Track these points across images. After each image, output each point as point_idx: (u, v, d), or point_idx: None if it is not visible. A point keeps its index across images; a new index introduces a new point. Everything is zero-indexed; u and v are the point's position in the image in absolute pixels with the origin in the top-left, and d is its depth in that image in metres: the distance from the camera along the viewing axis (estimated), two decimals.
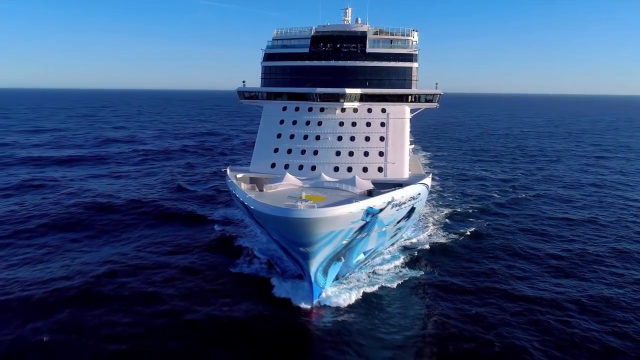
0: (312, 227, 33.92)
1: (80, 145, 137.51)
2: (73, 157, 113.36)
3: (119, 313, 36.55)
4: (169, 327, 34.77)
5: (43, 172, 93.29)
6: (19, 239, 53.65)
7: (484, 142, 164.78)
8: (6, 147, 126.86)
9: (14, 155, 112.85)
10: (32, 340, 32.87)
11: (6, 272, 44.32)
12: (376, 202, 37.42)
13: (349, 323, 36.27)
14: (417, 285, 43.65)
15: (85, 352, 31.71)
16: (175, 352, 31.95)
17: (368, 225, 38.39)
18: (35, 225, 58.04)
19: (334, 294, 39.78)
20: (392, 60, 51.22)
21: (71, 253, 49.48)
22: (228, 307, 37.84)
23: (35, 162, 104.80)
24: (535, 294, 41.29)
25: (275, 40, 55.87)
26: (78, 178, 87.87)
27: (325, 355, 32.56)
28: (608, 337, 34.70)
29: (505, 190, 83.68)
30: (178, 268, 45.29)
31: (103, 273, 43.43)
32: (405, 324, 36.92)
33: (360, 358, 32.30)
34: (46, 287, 40.68)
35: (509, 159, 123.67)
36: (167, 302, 38.23)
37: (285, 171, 46.25)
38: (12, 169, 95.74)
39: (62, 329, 34.31)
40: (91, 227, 57.78)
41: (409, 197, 42.01)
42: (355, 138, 48.87)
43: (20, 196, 73.19)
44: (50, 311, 36.54)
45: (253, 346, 33.10)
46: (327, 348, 33.21)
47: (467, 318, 37.34)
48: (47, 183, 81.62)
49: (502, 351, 32.72)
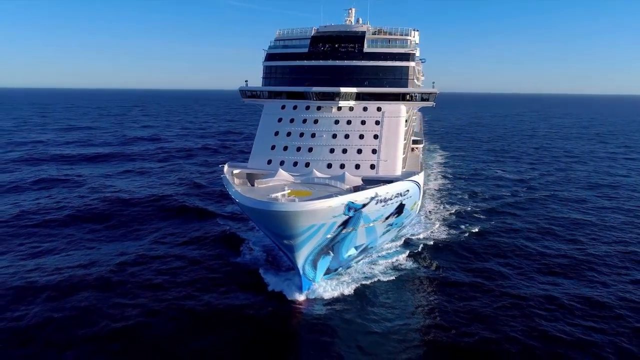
0: (291, 219, 35.41)
1: (108, 143, 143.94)
2: (100, 154, 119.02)
3: (127, 296, 39.89)
4: (167, 310, 37.63)
5: (72, 168, 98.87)
6: (46, 227, 58.04)
7: (506, 143, 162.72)
8: (40, 144, 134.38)
9: (47, 152, 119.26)
10: (49, 317, 36.44)
11: (32, 258, 48.41)
12: (358, 197, 38.34)
13: (340, 315, 37.75)
14: (413, 280, 44.93)
15: (94, 327, 34.99)
16: (172, 333, 34.72)
17: (352, 220, 39.50)
18: (61, 216, 62.44)
19: (325, 287, 41.44)
20: (389, 60, 51.81)
21: (92, 242, 53.33)
22: (224, 295, 40.32)
23: (65, 158, 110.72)
24: (530, 292, 41.93)
25: (277, 40, 57.29)
26: (103, 174, 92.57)
27: (313, 344, 34.11)
28: (598, 337, 35.34)
29: (517, 190, 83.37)
30: (184, 258, 48.39)
31: (118, 262, 46.92)
32: (398, 316, 38.25)
33: (349, 348, 33.67)
34: (66, 272, 44.45)
35: (529, 160, 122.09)
36: (168, 289, 41.25)
37: (276, 167, 47.78)
38: (44, 165, 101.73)
39: (76, 308, 37.84)
40: (111, 219, 61.53)
41: (395, 194, 42.61)
42: (349, 136, 49.85)
43: (49, 189, 78.25)
44: (69, 293, 40.19)
45: (243, 334, 35.07)
46: (315, 338, 34.77)
47: (461, 313, 38.41)
48: (74, 178, 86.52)
49: (495, 347, 33.67)
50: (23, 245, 52.31)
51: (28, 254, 49.72)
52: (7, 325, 35.40)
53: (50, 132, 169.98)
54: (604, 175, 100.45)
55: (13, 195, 74.33)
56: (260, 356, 32.81)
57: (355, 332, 35.92)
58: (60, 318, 36.39)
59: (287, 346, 34.38)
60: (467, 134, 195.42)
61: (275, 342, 34.50)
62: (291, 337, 35.47)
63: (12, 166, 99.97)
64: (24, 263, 47.08)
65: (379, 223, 44.01)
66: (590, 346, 33.94)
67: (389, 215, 44.24)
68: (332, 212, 36.83)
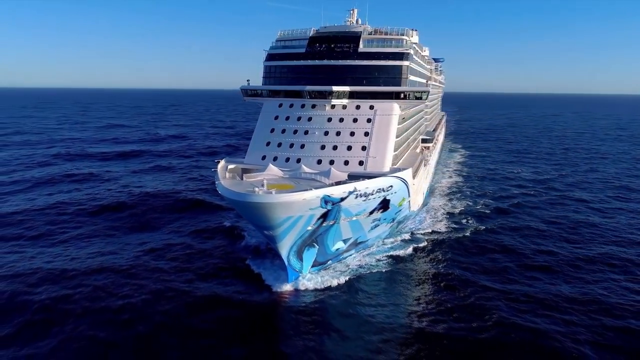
0: (267, 210, 36.95)
1: (141, 139, 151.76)
2: (133, 151, 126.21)
3: (136, 277, 44.21)
4: (166, 290, 41.44)
5: (107, 164, 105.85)
6: (75, 216, 63.53)
7: (533, 143, 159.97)
8: (78, 141, 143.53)
9: (84, 148, 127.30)
10: (68, 294, 41.07)
11: (61, 243, 53.71)
12: (334, 191, 39.41)
13: (326, 305, 39.44)
14: (406, 274, 46.24)
15: (105, 302, 39.49)
16: (169, 310, 38.42)
17: (332, 213, 40.61)
18: (88, 207, 67.81)
19: (313, 279, 43.23)
20: (383, 59, 52.42)
21: (113, 231, 58.08)
22: (216, 281, 43.52)
23: (100, 155, 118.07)
24: (514, 288, 42.98)
25: (278, 41, 58.53)
26: (132, 170, 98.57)
27: (296, 333, 35.70)
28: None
29: (532, 191, 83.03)
30: (189, 246, 52.37)
31: (133, 249, 51.48)
32: (386, 307, 39.56)
33: (332, 336, 35.24)
34: (88, 256, 49.43)
35: (553, 161, 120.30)
36: (170, 273, 45.22)
37: (266, 162, 49.09)
38: (79, 160, 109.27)
39: (94, 286, 42.44)
40: (133, 212, 66.28)
41: (377, 189, 43.24)
42: (340, 133, 50.65)
43: (80, 182, 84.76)
44: (88, 273, 44.98)
45: (231, 320, 37.41)
46: (299, 326, 36.47)
47: (451, 305, 39.66)
48: (105, 174, 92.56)
49: (486, 343, 34.55)
50: (54, 231, 57.59)
51: (58, 239, 54.91)
52: (33, 297, 40.29)
53: (90, 130, 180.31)
54: (631, 178, 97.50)
55: (49, 187, 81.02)
56: (245, 340, 35.07)
57: (341, 321, 37.46)
58: (78, 293, 41.05)
59: (270, 333, 36.36)
60: (495, 134, 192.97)
61: (260, 329, 36.48)
62: (275, 325, 37.41)
63: (51, 160, 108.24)
64: (53, 249, 52.31)
65: (362, 217, 45.03)
66: (573, 342, 34.65)
67: (373, 210, 45.09)
68: (307, 204, 38.12)
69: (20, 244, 53.45)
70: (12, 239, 55.11)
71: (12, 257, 49.24)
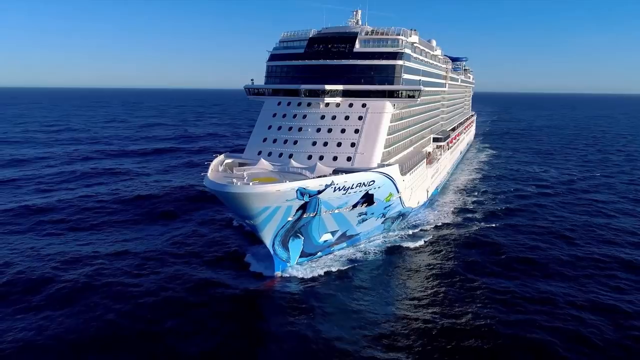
0: (243, 200, 38.92)
1: (175, 137, 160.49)
2: (171, 148, 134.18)
3: (144, 259, 48.89)
4: (166, 273, 45.63)
5: (145, 161, 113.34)
6: (112, 205, 69.68)
7: (566, 144, 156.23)
8: (120, 137, 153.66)
9: (123, 148, 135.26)
10: (94, 270, 46.14)
11: (84, 230, 59.42)
12: (310, 184, 40.88)
13: (313, 293, 41.37)
14: (399, 267, 47.95)
15: (116, 287, 43.27)
16: (172, 290, 42.46)
17: (311, 205, 42.31)
18: (125, 197, 74.30)
19: (301, 268, 45.57)
20: (377, 59, 53.36)
21: (142, 220, 63.56)
22: (215, 268, 46.85)
23: (135, 153, 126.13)
24: (506, 285, 43.69)
25: (281, 42, 60.47)
26: (156, 168, 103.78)
27: (281, 314, 37.95)
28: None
29: (549, 191, 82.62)
30: (199, 235, 56.99)
31: (151, 237, 56.54)
32: (374, 296, 41.29)
33: (316, 321, 36.91)
34: (106, 243, 54.91)
35: (581, 162, 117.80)
36: (178, 257, 49.73)
37: (260, 157, 50.95)
38: (119, 157, 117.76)
39: (112, 267, 47.29)
40: (158, 203, 71.75)
41: (357, 183, 44.22)
42: (332, 130, 51.99)
43: (117, 176, 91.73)
44: (112, 256, 49.98)
45: (223, 299, 40.29)
46: (285, 309, 38.71)
47: (440, 297, 40.92)
48: (131, 171, 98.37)
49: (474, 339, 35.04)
50: (89, 218, 63.69)
51: (81, 227, 60.67)
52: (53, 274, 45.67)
53: (133, 129, 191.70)
54: None
55: (89, 179, 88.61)
56: (233, 317, 38.26)
57: (326, 307, 39.09)
58: (102, 270, 46.20)
59: (255, 313, 39.14)
60: (530, 135, 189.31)
61: (248, 310, 39.30)
62: (260, 306, 40.33)
63: (94, 155, 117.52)
64: (86, 234, 58.33)
65: (346, 211, 46.49)
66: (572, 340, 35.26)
67: (356, 204, 46.50)
68: (283, 195, 39.80)
69: (61, 228, 59.60)
70: (54, 223, 61.54)
71: (52, 240, 55.50)
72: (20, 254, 50.58)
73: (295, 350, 33.76)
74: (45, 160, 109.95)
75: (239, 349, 33.76)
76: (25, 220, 62.34)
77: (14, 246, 53.08)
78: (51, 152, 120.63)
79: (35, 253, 50.75)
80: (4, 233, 57.60)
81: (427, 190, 67.97)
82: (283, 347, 34.42)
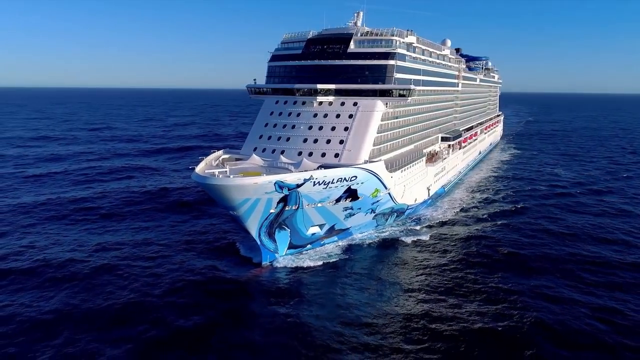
0: (223, 192, 41.20)
1: (201, 135, 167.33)
2: (190, 147, 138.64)
3: (151, 246, 53.73)
4: (166, 258, 49.83)
5: (174, 157, 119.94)
6: (139, 199, 74.97)
7: (595, 146, 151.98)
8: (153, 137, 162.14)
9: (157, 146, 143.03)
10: (113, 255, 51.03)
11: (102, 219, 64.58)
12: (288, 178, 42.71)
13: (300, 281, 43.78)
14: (391, 261, 49.53)
15: (130, 268, 48.31)
16: (169, 275, 46.02)
17: (291, 198, 44.38)
18: (139, 194, 79.17)
19: (289, 259, 48.01)
20: (369, 59, 54.51)
21: (157, 213, 68.46)
22: (211, 256, 50.27)
23: (169, 150, 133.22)
24: (490, 281, 44.74)
25: (282, 43, 62.18)
26: (184, 164, 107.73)
27: (266, 307, 40.00)
28: None
29: (562, 192, 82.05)
30: (196, 224, 61.77)
31: (164, 227, 61.67)
32: (359, 286, 43.17)
33: (301, 307, 39.21)
34: (134, 233, 60.68)
35: (605, 164, 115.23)
36: (180, 246, 53.95)
37: (253, 153, 53.13)
38: (150, 155, 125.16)
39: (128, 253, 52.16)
40: (174, 197, 76.53)
41: (337, 178, 45.52)
42: (323, 128, 53.46)
43: (126, 177, 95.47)
44: (132, 245, 54.92)
45: (215, 281, 43.87)
46: (271, 295, 41.43)
47: (429, 291, 42.30)
48: (162, 167, 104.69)
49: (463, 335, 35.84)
50: (110, 210, 69.58)
51: (110, 215, 66.66)
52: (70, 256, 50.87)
53: (168, 127, 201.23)
54: None
55: (119, 174, 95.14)
56: (223, 297, 41.07)
57: (312, 295, 41.24)
58: (121, 256, 51.14)
59: (243, 296, 41.90)
60: (560, 136, 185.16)
61: (238, 293, 42.09)
62: (248, 291, 43.09)
63: (131, 151, 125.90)
64: (110, 224, 64.18)
65: (329, 205, 48.20)
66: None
67: (339, 198, 48.22)
68: (261, 188, 41.84)
69: (91, 219, 65.16)
70: (86, 211, 67.97)
71: (82, 226, 61.75)
72: (49, 239, 56.42)
73: (276, 330, 36.61)
74: (85, 154, 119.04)
75: (223, 324, 37.22)
76: (61, 208, 68.85)
77: (49, 231, 59.29)
78: (92, 148, 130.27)
79: (67, 239, 56.49)
80: (45, 220, 63.95)
81: (429, 188, 68.95)
82: (264, 325, 37.52)
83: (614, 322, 37.84)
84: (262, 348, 34.49)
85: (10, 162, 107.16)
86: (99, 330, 36.44)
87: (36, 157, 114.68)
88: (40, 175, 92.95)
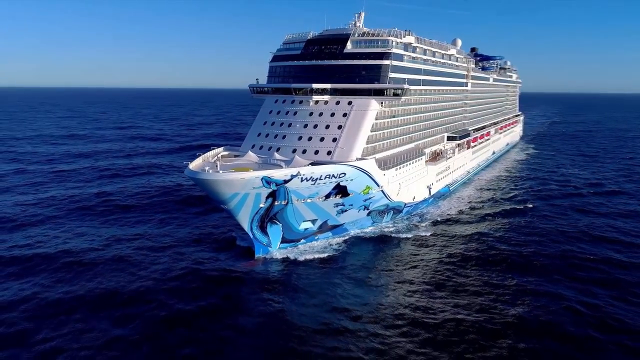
0: (212, 186, 42.74)
1: (222, 134, 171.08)
2: (208, 145, 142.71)
3: (156, 237, 57.04)
4: (165, 246, 53.28)
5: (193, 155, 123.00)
6: (157, 196, 78.58)
7: (617, 147, 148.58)
8: (178, 135, 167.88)
9: (179, 144, 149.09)
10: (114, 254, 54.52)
11: (114, 213, 68.26)
12: (275, 173, 43.97)
13: (293, 274, 45.28)
14: (386, 257, 50.52)
15: (137, 257, 51.90)
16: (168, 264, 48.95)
17: (280, 193, 45.76)
18: (156, 188, 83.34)
19: (282, 253, 49.56)
20: (365, 59, 55.49)
21: (169, 209, 71.58)
22: (208, 249, 52.92)
23: (190, 147, 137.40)
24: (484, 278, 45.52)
25: (284, 44, 63.37)
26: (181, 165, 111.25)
27: (256, 298, 41.74)
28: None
29: (571, 192, 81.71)
30: (198, 218, 64.72)
31: (171, 222, 65.16)
32: (351, 279, 44.45)
33: (291, 297, 40.98)
34: (126, 227, 64.45)
35: (624, 166, 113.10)
36: (186, 239, 56.77)
37: (249, 150, 54.74)
38: (164, 154, 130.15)
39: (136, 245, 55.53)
40: (184, 193, 79.48)
41: (325, 175, 46.51)
42: (317, 126, 54.69)
43: (146, 172, 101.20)
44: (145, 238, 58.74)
45: (212, 270, 46.39)
46: (264, 284, 43.41)
47: (418, 285, 43.29)
48: (163, 166, 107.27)
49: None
50: (136, 206, 73.37)
51: (126, 208, 70.64)
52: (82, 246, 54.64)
53: (193, 126, 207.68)
54: None
55: (133, 171, 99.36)
56: (219, 284, 43.69)
57: (304, 287, 42.73)
58: (132, 246, 54.66)
59: (236, 285, 43.91)
60: (585, 137, 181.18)
61: (232, 282, 44.25)
62: (243, 280, 45.08)
63: (155, 148, 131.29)
64: (119, 215, 68.28)
65: (319, 201, 49.37)
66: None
67: (328, 194, 49.27)
68: (248, 183, 43.19)
69: (112, 210, 69.52)
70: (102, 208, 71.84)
71: (101, 219, 66.01)
72: (71, 230, 60.58)
73: (265, 315, 39.05)
74: (113, 152, 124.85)
75: (219, 309, 39.80)
76: (86, 202, 73.15)
77: (72, 222, 63.65)
78: (120, 145, 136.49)
79: (88, 230, 60.56)
80: (69, 211, 68.61)
81: (430, 186, 69.44)
82: (254, 310, 39.98)
83: (606, 320, 38.43)
84: (252, 330, 36.97)
85: (43, 158, 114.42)
86: (111, 309, 39.94)
87: (65, 153, 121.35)
88: (68, 170, 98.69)
